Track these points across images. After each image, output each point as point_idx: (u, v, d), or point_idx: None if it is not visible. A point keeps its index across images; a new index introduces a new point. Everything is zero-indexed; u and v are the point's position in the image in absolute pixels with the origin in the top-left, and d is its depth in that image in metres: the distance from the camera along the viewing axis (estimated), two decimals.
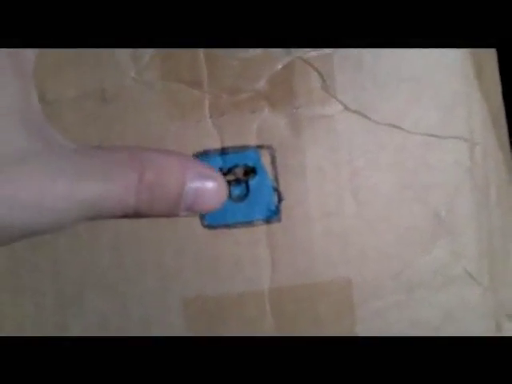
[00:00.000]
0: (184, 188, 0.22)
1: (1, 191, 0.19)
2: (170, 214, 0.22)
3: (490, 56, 0.26)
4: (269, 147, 0.25)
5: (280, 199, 0.25)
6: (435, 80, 0.25)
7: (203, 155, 0.24)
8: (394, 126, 0.25)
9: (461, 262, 0.26)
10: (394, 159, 0.25)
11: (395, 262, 0.26)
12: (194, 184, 0.22)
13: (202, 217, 0.24)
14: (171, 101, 0.24)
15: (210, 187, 0.23)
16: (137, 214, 0.22)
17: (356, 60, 0.25)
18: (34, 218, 0.20)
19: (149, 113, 0.24)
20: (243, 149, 0.24)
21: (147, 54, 0.24)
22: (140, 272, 0.24)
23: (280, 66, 0.24)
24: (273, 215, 0.25)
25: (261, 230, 0.25)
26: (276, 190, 0.25)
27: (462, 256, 0.26)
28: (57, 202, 0.20)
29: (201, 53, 0.24)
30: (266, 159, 0.25)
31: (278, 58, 0.24)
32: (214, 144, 0.24)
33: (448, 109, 0.26)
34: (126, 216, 0.22)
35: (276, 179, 0.25)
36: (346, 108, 0.25)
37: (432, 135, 0.26)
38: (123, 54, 0.24)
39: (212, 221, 0.24)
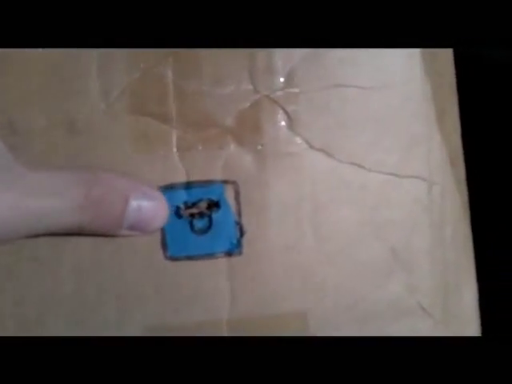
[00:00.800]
0: (127, 207, 0.23)
1: None
2: (112, 231, 0.24)
3: (451, 100, 0.27)
4: (233, 182, 0.25)
5: (242, 233, 0.25)
6: (397, 122, 0.26)
7: (168, 188, 0.25)
8: (357, 165, 0.26)
9: (415, 295, 0.27)
10: (356, 197, 0.26)
11: (351, 295, 0.27)
12: (137, 202, 0.23)
13: (165, 248, 0.25)
14: (139, 134, 0.25)
15: (153, 207, 0.24)
16: (81, 230, 0.23)
17: (323, 101, 0.25)
18: None
19: (116, 145, 0.24)
20: (208, 183, 0.25)
21: (117, 87, 0.24)
22: (101, 300, 0.25)
23: (248, 104, 0.25)
24: (234, 248, 0.25)
25: (222, 262, 0.25)
26: (238, 223, 0.25)
27: (416, 290, 0.27)
28: (4, 213, 0.21)
29: (170, 88, 0.25)
30: (230, 194, 0.25)
31: (246, 95, 0.25)
32: (180, 178, 0.25)
33: (408, 149, 0.26)
34: (71, 231, 0.23)
35: (239, 213, 0.25)
36: (311, 146, 0.26)
37: (392, 174, 0.26)
38: (93, 86, 0.24)
39: (174, 252, 0.25)
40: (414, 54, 0.26)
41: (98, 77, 0.24)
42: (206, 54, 0.25)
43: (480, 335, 0.29)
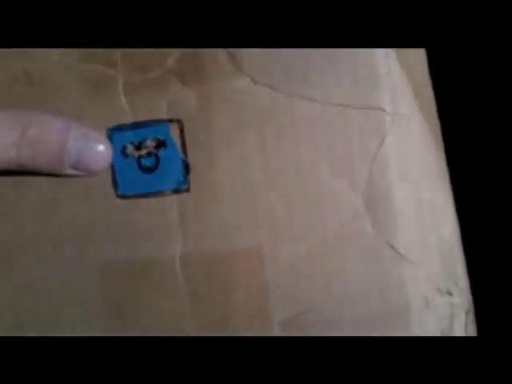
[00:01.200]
0: (66, 145, 0.24)
1: None
2: (56, 170, 0.25)
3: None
4: (178, 121, 0.26)
5: (188, 170, 0.26)
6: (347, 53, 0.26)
7: (116, 129, 0.26)
8: (306, 98, 0.26)
9: (381, 233, 0.26)
10: (306, 130, 0.26)
11: (304, 230, 0.26)
12: (77, 143, 0.24)
13: (116, 187, 0.26)
14: (88, 81, 0.26)
15: (94, 147, 0.25)
16: (21, 167, 0.24)
17: None
18: None
19: (68, 93, 0.26)
20: (154, 123, 0.26)
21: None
22: (60, 238, 0.26)
23: None
24: (181, 185, 0.26)
25: (171, 199, 0.26)
26: (184, 161, 0.26)
27: (383, 227, 0.26)
28: None
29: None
30: (175, 132, 0.26)
31: None
32: (127, 119, 0.26)
33: (361, 79, 0.26)
34: (11, 169, 0.24)
35: (185, 151, 0.26)
36: (255, 81, 0.26)
37: (345, 105, 0.26)
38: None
39: (125, 191, 0.26)
40: None
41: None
42: None
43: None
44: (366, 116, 0.26)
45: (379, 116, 0.26)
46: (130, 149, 0.26)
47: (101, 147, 0.25)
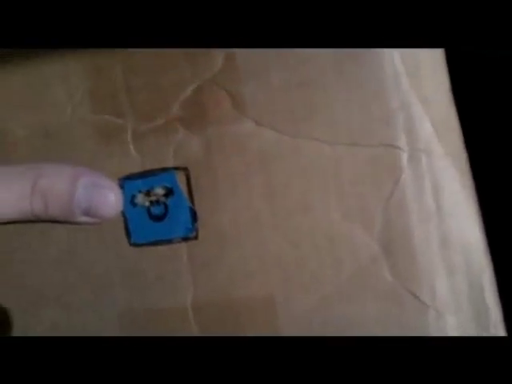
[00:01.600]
0: (75, 194, 0.25)
1: None
2: (68, 218, 0.25)
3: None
4: (184, 168, 0.26)
5: (195, 218, 0.26)
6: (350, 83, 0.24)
7: (127, 179, 0.26)
8: (309, 138, 0.25)
9: (397, 279, 0.24)
10: (313, 170, 0.25)
11: (315, 274, 0.25)
12: (87, 191, 0.25)
13: (128, 235, 0.26)
14: (100, 132, 0.27)
15: (103, 194, 0.25)
16: (37, 218, 0.25)
17: (267, 77, 0.25)
18: None
19: (81, 144, 0.27)
20: (161, 171, 0.26)
21: (78, 91, 0.27)
22: (78, 285, 0.27)
23: (190, 90, 0.25)
24: (189, 233, 0.26)
25: (181, 247, 0.26)
26: (191, 209, 0.26)
27: (399, 274, 0.24)
28: None
29: (121, 85, 0.26)
30: (182, 180, 0.26)
31: (188, 82, 0.25)
32: (136, 168, 0.26)
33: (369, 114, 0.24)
34: (27, 219, 0.25)
35: (191, 198, 0.26)
36: (258, 124, 0.25)
37: (358, 144, 0.24)
38: (60, 94, 0.27)
39: (136, 239, 0.26)
40: None
41: (62, 86, 0.27)
42: (147, 50, 0.26)
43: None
44: (378, 154, 0.24)
45: (393, 153, 0.24)
46: (139, 198, 0.26)
47: (110, 194, 0.26)
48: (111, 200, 0.26)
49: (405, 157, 0.24)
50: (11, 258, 0.28)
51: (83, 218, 0.26)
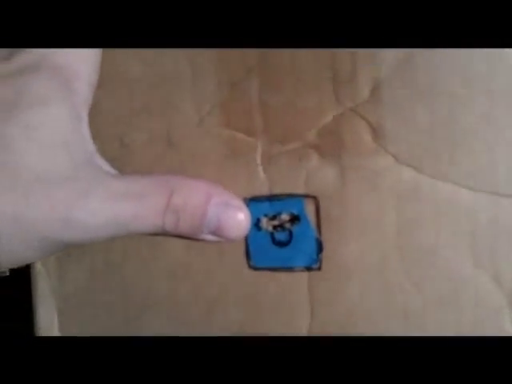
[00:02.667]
0: (207, 212, 0.24)
1: (52, 209, 0.23)
2: (194, 235, 0.25)
3: None
4: (314, 197, 0.25)
5: (321, 248, 0.25)
6: (495, 131, 0.23)
7: (252, 200, 0.26)
8: (451, 182, 0.24)
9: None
10: (450, 217, 0.24)
11: (439, 327, 0.25)
12: (218, 210, 0.24)
13: (248, 258, 0.26)
14: (227, 147, 0.26)
15: (233, 215, 0.25)
16: (166, 233, 0.25)
17: (409, 111, 0.24)
18: (68, 232, 0.24)
19: (206, 157, 0.26)
20: (289, 197, 0.25)
21: (209, 102, 0.26)
22: (190, 302, 0.27)
23: (331, 117, 0.25)
24: (313, 263, 0.25)
25: (301, 276, 0.25)
26: (318, 239, 0.25)
27: None
28: (89, 218, 0.23)
29: (256, 102, 0.25)
30: (310, 208, 0.25)
31: (330, 108, 0.25)
32: (263, 190, 0.26)
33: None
34: (156, 233, 0.25)
35: (319, 228, 0.25)
36: (397, 161, 0.24)
37: (495, 193, 0.24)
38: (188, 103, 0.26)
39: (257, 263, 0.26)
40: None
41: (192, 94, 0.26)
42: (289, 67, 0.25)
43: None
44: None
45: None
46: (264, 221, 0.26)
47: (241, 216, 0.25)
48: (241, 222, 0.25)
49: None
50: (121, 266, 0.27)
51: (209, 237, 0.25)
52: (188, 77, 0.26)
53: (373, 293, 0.25)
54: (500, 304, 0.24)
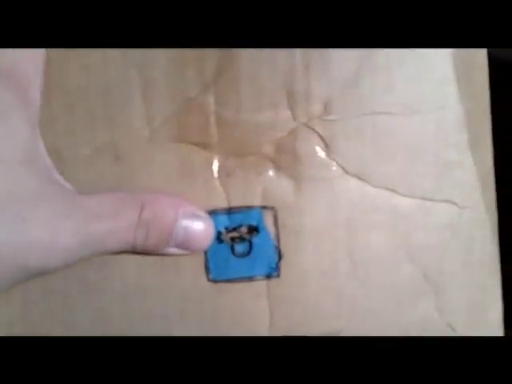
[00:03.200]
0: (176, 225, 0.24)
1: (29, 234, 0.20)
2: (160, 250, 0.24)
3: (485, 125, 0.28)
4: (272, 208, 0.26)
5: (280, 257, 0.26)
6: (430, 148, 0.27)
7: (211, 214, 0.26)
8: (390, 190, 0.27)
9: (444, 316, 0.28)
10: (389, 221, 0.27)
11: (382, 317, 0.27)
12: (185, 222, 0.24)
13: (208, 271, 0.26)
14: (181, 161, 0.25)
15: (200, 227, 0.25)
16: (134, 249, 0.24)
17: (358, 128, 0.26)
18: (48, 258, 0.21)
19: (159, 172, 0.25)
20: (248, 209, 0.26)
21: (161, 114, 0.25)
22: (145, 320, 0.26)
23: (286, 132, 0.26)
24: (273, 271, 0.26)
25: (261, 284, 0.26)
26: (277, 248, 0.26)
27: (444, 311, 0.28)
28: (68, 240, 0.22)
29: (212, 116, 0.25)
30: (268, 219, 0.26)
31: (285, 123, 0.26)
32: (221, 203, 0.26)
33: (441, 174, 0.27)
34: (125, 250, 0.24)
35: (277, 238, 0.26)
36: (346, 172, 0.26)
37: (425, 199, 0.27)
38: (137, 114, 0.25)
39: (216, 276, 0.26)
40: (449, 79, 0.27)
41: (142, 105, 0.25)
42: (246, 83, 0.25)
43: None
44: (441, 209, 0.27)
45: (451, 209, 0.28)
46: (224, 234, 0.26)
47: (207, 227, 0.25)
48: (207, 234, 0.25)
49: (458, 213, 0.28)
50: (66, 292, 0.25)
51: (172, 250, 0.25)
52: (137, 86, 0.25)
53: (326, 295, 0.27)
54: (427, 293, 0.28)
